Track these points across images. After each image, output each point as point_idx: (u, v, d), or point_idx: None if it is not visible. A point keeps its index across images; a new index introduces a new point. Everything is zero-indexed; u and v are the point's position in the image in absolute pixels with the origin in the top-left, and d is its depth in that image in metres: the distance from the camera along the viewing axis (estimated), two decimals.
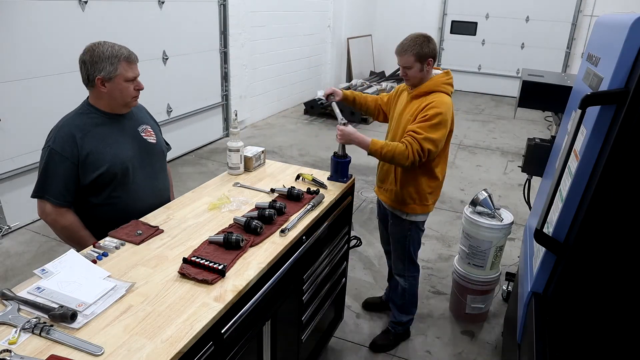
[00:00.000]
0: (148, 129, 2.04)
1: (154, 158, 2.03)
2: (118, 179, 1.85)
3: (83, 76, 1.81)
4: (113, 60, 1.76)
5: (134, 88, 1.85)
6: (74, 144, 1.78)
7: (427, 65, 2.11)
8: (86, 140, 1.80)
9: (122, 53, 1.78)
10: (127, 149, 1.90)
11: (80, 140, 1.79)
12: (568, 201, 1.52)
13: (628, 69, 1.35)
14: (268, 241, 1.69)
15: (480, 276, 2.69)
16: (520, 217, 4.02)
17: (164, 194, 2.07)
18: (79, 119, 1.84)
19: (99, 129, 1.84)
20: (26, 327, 1.20)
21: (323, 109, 7.05)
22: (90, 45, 1.79)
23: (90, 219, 1.88)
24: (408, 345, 2.60)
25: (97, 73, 1.77)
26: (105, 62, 1.75)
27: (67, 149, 1.77)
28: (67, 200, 1.82)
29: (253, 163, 2.31)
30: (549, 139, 2.66)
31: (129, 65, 1.80)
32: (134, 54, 1.85)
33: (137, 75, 1.86)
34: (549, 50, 8.65)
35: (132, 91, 1.85)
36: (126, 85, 1.82)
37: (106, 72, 1.76)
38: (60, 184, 1.79)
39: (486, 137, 6.54)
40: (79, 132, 1.80)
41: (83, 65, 1.79)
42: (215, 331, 1.32)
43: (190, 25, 5.10)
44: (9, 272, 3.08)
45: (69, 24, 3.68)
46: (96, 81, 1.78)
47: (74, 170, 1.79)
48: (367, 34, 9.36)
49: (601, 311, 1.56)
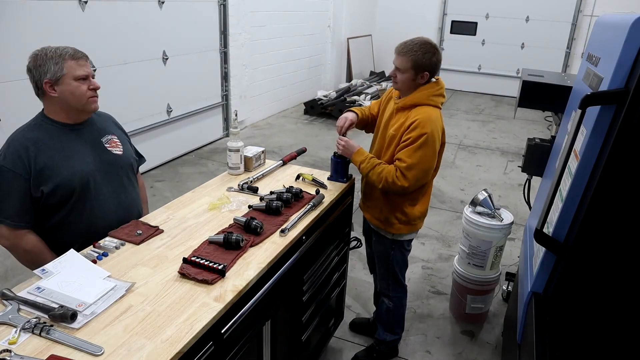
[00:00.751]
0: (114, 139, 1.88)
1: (120, 171, 1.86)
2: (77, 194, 1.70)
3: (33, 86, 1.67)
4: (57, 60, 1.62)
5: (89, 88, 1.69)
6: (26, 159, 1.62)
7: (421, 78, 1.95)
8: (40, 154, 1.64)
9: (67, 51, 1.65)
10: (88, 162, 1.74)
11: (34, 154, 1.63)
12: (568, 201, 1.52)
13: (628, 69, 1.35)
14: (268, 241, 1.69)
15: (480, 276, 2.69)
16: (520, 217, 4.02)
17: (132, 209, 1.90)
18: (31, 132, 1.68)
19: (54, 142, 1.68)
20: (26, 327, 1.20)
21: (323, 109, 7.06)
22: (33, 52, 1.66)
23: (51, 240, 1.72)
24: (408, 345, 2.60)
25: (43, 76, 1.62)
26: (49, 62, 1.62)
27: (19, 165, 1.61)
28: (26, 221, 1.66)
29: (253, 163, 2.31)
30: (549, 139, 2.66)
31: (76, 62, 1.66)
32: (81, 52, 1.69)
33: (89, 74, 1.70)
34: (549, 50, 8.65)
35: (85, 91, 1.68)
36: (77, 84, 1.66)
37: (52, 72, 1.62)
38: (16, 204, 1.62)
39: (486, 137, 6.54)
40: (32, 146, 1.64)
41: (29, 73, 1.65)
42: (215, 331, 1.32)
43: (190, 25, 5.10)
44: (9, 272, 3.08)
45: (69, 24, 3.68)
46: (45, 86, 1.63)
47: (28, 188, 1.63)
48: (367, 34, 9.36)
49: (601, 311, 1.56)
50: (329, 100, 7.11)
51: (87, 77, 1.69)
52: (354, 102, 6.94)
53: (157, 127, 4.89)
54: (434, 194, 4.56)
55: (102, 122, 1.90)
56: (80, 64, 1.67)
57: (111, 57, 4.09)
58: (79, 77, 1.66)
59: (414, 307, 2.94)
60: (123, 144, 1.92)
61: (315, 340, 2.24)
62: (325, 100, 7.11)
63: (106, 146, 1.84)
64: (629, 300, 1.51)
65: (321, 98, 7.25)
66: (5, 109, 3.32)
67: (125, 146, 1.93)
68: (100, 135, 1.84)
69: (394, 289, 2.32)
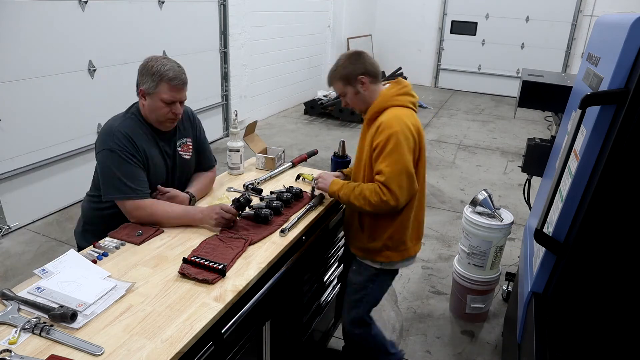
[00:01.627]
0: (187, 143, 2.02)
1: (183, 174, 2.02)
2: None
3: None
4: (156, 78, 1.76)
5: (171, 111, 1.81)
6: (134, 145, 1.78)
7: (362, 85, 1.79)
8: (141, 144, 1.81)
9: (168, 74, 1.76)
10: (162, 166, 1.91)
11: (138, 142, 1.80)
12: (568, 201, 1.52)
13: (628, 69, 1.35)
14: (268, 241, 1.69)
15: (480, 276, 2.69)
16: (520, 217, 4.02)
17: None
18: (132, 122, 1.83)
19: (145, 137, 1.84)
20: (26, 327, 1.20)
21: (323, 109, 7.06)
22: (149, 57, 1.82)
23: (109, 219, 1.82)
24: (408, 345, 2.60)
25: (141, 85, 1.79)
26: (149, 77, 1.77)
27: (132, 149, 1.77)
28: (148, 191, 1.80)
29: (275, 163, 2.31)
30: (549, 139, 2.66)
31: (170, 88, 1.77)
32: (181, 78, 1.79)
33: (177, 100, 1.81)
34: (549, 50, 8.65)
35: (165, 113, 1.81)
36: (161, 105, 1.79)
37: (147, 85, 1.77)
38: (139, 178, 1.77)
39: (486, 137, 6.54)
40: (133, 135, 1.79)
41: (138, 72, 1.82)
42: (215, 331, 1.32)
43: (190, 25, 5.10)
44: (9, 272, 3.09)
45: (69, 24, 3.68)
46: (139, 92, 1.81)
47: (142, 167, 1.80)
48: (367, 34, 9.36)
49: (601, 311, 1.56)
50: (329, 100, 7.11)
51: (173, 102, 1.80)
52: None
53: None
54: (434, 194, 4.56)
55: (185, 124, 2.02)
56: (172, 90, 1.78)
57: (111, 57, 4.08)
58: (165, 100, 1.78)
59: (414, 307, 2.94)
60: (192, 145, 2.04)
61: (315, 340, 2.24)
62: (325, 100, 7.10)
63: (179, 150, 1.98)
64: (629, 300, 1.51)
65: (321, 98, 7.25)
66: (5, 109, 3.32)
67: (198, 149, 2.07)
68: (178, 138, 1.98)
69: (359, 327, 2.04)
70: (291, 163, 2.37)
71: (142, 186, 1.77)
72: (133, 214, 1.76)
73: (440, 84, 9.67)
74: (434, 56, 9.62)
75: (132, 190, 1.74)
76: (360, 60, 1.80)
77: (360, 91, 1.81)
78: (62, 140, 3.80)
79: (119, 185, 1.73)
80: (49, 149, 3.70)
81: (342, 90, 1.84)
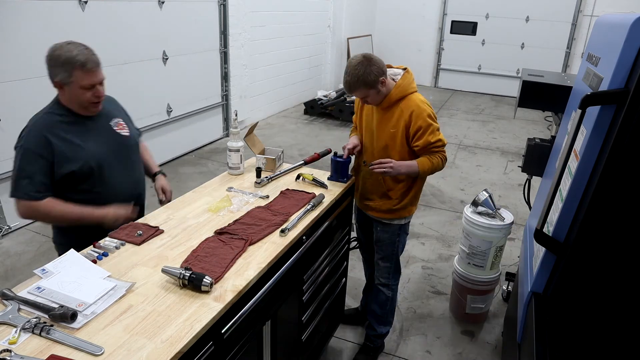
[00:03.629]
0: (120, 122, 1.99)
1: (129, 150, 2.01)
2: (95, 175, 1.84)
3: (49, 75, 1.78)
4: (67, 67, 1.70)
5: (93, 94, 1.77)
6: (49, 142, 1.74)
7: (382, 85, 2.02)
8: (61, 138, 1.76)
9: (78, 60, 1.69)
10: (101, 145, 1.87)
11: (55, 137, 1.75)
12: (568, 201, 1.52)
13: (628, 69, 1.35)
14: (268, 241, 1.69)
15: (480, 276, 2.69)
16: (520, 217, 4.02)
17: (141, 185, 2.08)
18: (50, 116, 1.79)
19: (72, 127, 1.81)
20: (26, 327, 1.20)
21: (323, 109, 7.06)
22: (53, 45, 1.73)
23: None
24: (408, 345, 2.60)
25: (54, 77, 1.73)
26: (60, 68, 1.70)
27: (42, 147, 1.74)
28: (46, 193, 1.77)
29: (276, 164, 2.32)
30: (549, 139, 2.66)
31: (85, 73, 1.72)
32: (93, 60, 1.74)
33: (96, 82, 1.77)
34: (549, 50, 8.65)
35: (89, 98, 1.77)
36: (81, 92, 1.74)
37: (60, 77, 1.72)
38: (37, 182, 1.74)
39: (486, 137, 6.54)
40: (50, 133, 1.75)
41: (46, 64, 1.75)
42: (215, 331, 1.32)
43: (190, 25, 5.10)
44: (9, 272, 3.09)
45: (69, 24, 3.68)
46: (55, 85, 1.76)
47: (50, 168, 1.76)
48: (367, 34, 9.36)
49: (601, 311, 1.56)
50: (329, 100, 7.11)
51: (93, 86, 1.77)
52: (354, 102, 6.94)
53: (157, 127, 4.89)
54: (434, 194, 4.56)
55: (109, 105, 1.99)
56: (88, 74, 1.73)
57: (111, 57, 4.09)
58: (84, 87, 1.74)
59: (414, 307, 2.94)
60: (127, 124, 2.03)
61: (315, 340, 2.24)
62: (325, 100, 7.10)
63: (115, 129, 1.96)
64: (629, 300, 1.51)
65: (321, 98, 7.25)
66: (6, 109, 3.32)
67: (129, 125, 2.04)
68: (109, 119, 1.96)
69: (394, 276, 2.39)
70: (303, 162, 2.39)
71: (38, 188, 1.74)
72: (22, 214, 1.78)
73: (440, 84, 9.67)
74: (434, 56, 9.62)
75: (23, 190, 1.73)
76: (375, 64, 2.00)
77: (381, 90, 2.04)
78: None
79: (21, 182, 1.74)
80: None
81: (366, 94, 2.05)
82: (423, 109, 2.06)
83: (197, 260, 1.52)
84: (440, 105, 8.22)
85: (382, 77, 2.01)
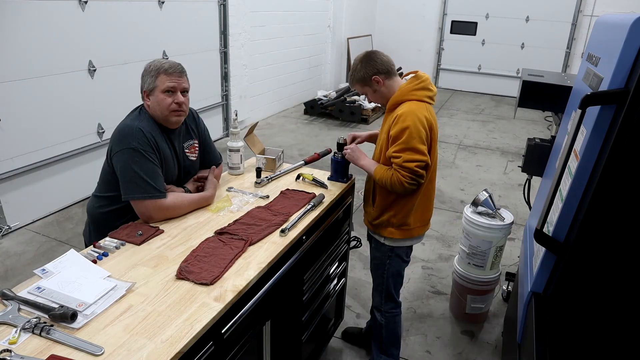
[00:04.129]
0: (194, 144, 2.04)
1: (187, 175, 2.05)
2: None
3: None
4: (154, 73, 1.80)
5: (174, 101, 1.81)
6: (155, 145, 1.80)
7: (377, 84, 1.95)
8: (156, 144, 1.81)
9: (164, 66, 1.80)
10: (173, 166, 1.93)
11: (154, 140, 1.80)
12: (568, 201, 1.52)
13: (628, 69, 1.35)
14: (268, 241, 1.69)
15: (480, 276, 2.69)
16: (520, 217, 4.02)
17: None
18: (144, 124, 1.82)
19: (160, 136, 1.86)
20: (26, 327, 1.20)
21: (323, 109, 7.06)
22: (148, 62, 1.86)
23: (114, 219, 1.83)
24: (408, 345, 2.60)
25: (143, 86, 1.84)
26: (148, 75, 1.81)
27: (150, 148, 1.77)
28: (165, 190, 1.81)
29: (276, 164, 2.32)
30: (549, 139, 2.66)
31: (167, 76, 1.80)
32: (177, 67, 1.83)
33: (178, 87, 1.81)
34: (549, 50, 8.65)
35: (169, 104, 1.81)
36: (163, 97, 1.80)
37: (147, 84, 1.81)
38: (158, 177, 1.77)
39: (486, 137, 6.54)
40: (152, 136, 1.80)
41: (141, 79, 1.87)
42: (215, 331, 1.32)
43: (190, 25, 5.10)
44: (9, 272, 3.09)
45: (69, 24, 3.68)
46: (143, 95, 1.85)
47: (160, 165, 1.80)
48: (367, 34, 9.36)
49: (601, 311, 1.56)
50: (329, 100, 7.11)
51: (174, 91, 1.81)
52: (354, 102, 6.94)
53: None
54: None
55: (189, 122, 2.03)
56: (170, 77, 1.80)
57: (111, 57, 4.09)
58: (166, 90, 1.80)
59: (414, 307, 2.94)
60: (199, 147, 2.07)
61: (315, 340, 2.24)
62: (325, 100, 7.10)
63: (186, 152, 2.01)
64: (629, 300, 1.51)
65: (321, 98, 7.25)
66: (6, 109, 3.32)
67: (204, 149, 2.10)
68: (185, 139, 2.00)
69: (386, 303, 2.22)
70: (303, 162, 2.39)
71: (163, 186, 1.78)
72: (153, 215, 1.75)
73: (440, 83, 9.67)
74: (434, 56, 9.62)
75: (155, 190, 1.74)
76: (372, 62, 1.95)
77: (377, 89, 1.98)
78: (62, 140, 3.80)
79: (142, 184, 1.72)
80: (49, 149, 3.70)
81: (362, 91, 2.03)
82: (407, 119, 1.87)
83: (196, 260, 1.52)
84: (440, 105, 8.22)
85: (376, 76, 1.94)
